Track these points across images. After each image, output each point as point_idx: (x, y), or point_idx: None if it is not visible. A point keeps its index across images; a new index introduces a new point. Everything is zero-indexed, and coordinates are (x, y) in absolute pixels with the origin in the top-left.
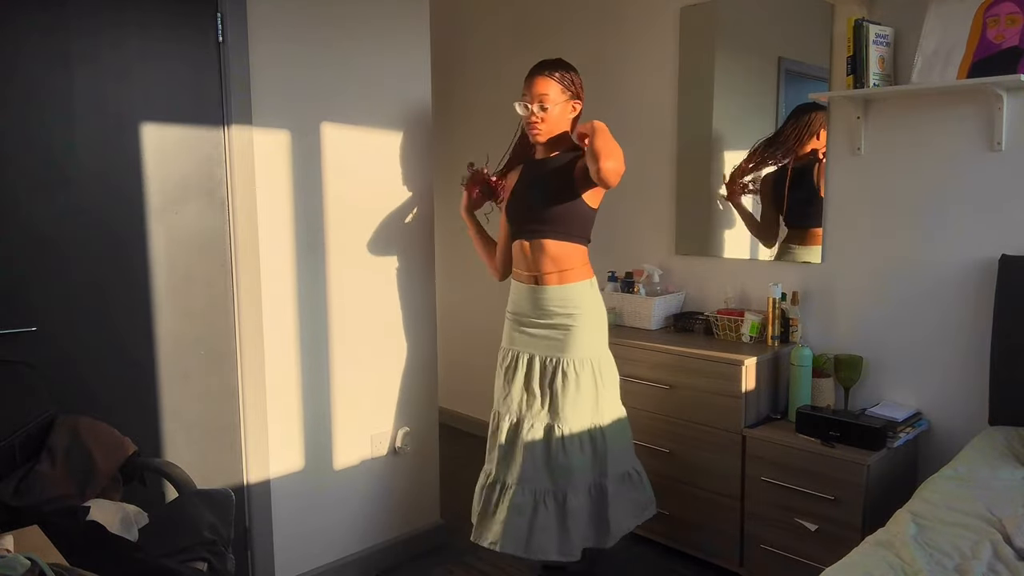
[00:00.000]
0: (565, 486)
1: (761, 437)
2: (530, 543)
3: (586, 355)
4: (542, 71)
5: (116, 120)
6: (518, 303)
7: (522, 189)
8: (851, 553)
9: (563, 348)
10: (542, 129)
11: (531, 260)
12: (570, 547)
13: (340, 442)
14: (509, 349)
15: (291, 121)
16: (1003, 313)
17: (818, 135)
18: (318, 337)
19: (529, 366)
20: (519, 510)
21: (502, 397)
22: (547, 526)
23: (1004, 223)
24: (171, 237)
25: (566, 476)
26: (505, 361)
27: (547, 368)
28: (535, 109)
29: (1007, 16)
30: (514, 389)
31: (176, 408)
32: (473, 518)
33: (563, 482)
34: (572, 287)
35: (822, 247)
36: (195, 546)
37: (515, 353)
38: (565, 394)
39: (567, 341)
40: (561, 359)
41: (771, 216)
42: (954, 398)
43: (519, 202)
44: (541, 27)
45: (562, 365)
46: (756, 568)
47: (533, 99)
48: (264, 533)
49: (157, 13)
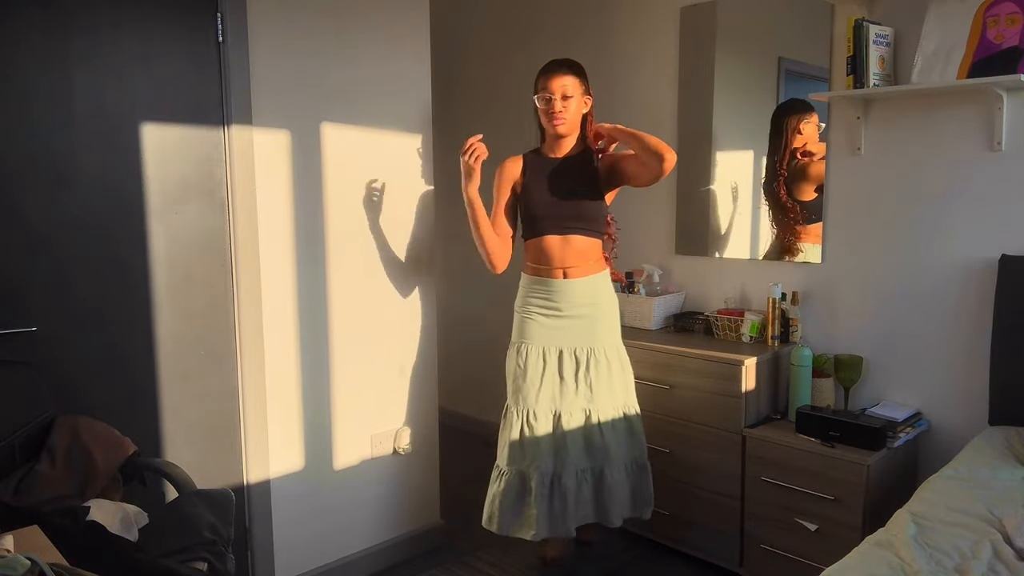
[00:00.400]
0: (603, 464)
1: (761, 437)
2: (574, 516)
3: (612, 342)
4: (560, 67)
5: (116, 120)
6: (544, 297)
7: (547, 185)
8: (851, 553)
9: (592, 337)
10: (566, 119)
11: (560, 255)
12: (608, 516)
13: (340, 442)
14: (527, 344)
15: (291, 121)
16: (1003, 313)
17: (800, 131)
18: (318, 337)
19: (559, 359)
20: (563, 494)
21: (527, 393)
22: (585, 499)
23: (1004, 223)
24: (171, 237)
25: (604, 456)
26: (524, 357)
27: (578, 358)
28: (559, 99)
29: (1007, 16)
30: (545, 383)
31: (176, 408)
32: (493, 516)
33: (602, 461)
34: (596, 278)
35: (822, 247)
36: (195, 546)
37: (539, 348)
38: (599, 380)
39: (595, 330)
40: (592, 348)
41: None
42: (954, 398)
43: (546, 197)
44: (541, 27)
45: (594, 353)
46: (756, 568)
47: (554, 91)
48: (264, 533)
49: (157, 13)
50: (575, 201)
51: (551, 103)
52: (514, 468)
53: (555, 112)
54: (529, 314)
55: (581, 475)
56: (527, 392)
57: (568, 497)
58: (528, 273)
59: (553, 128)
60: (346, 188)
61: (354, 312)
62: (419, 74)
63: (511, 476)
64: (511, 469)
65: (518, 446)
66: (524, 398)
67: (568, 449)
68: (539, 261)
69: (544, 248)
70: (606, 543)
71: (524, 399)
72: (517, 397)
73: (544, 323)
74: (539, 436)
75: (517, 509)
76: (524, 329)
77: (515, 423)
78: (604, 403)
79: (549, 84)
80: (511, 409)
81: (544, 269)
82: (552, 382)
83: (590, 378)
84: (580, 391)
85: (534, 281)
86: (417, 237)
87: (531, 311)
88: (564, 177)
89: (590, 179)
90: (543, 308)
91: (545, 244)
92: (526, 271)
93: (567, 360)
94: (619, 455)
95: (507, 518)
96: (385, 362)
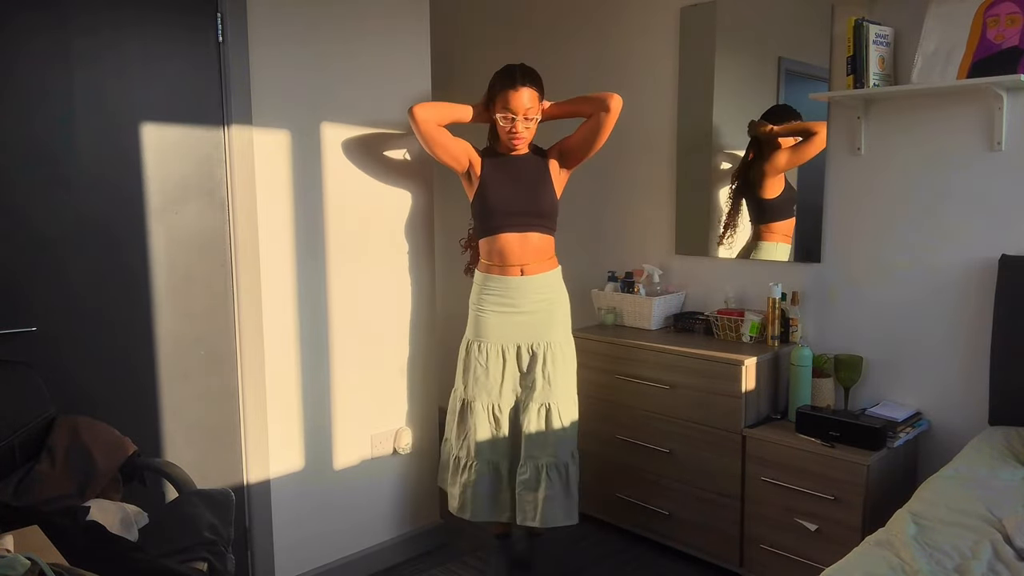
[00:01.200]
0: (565, 456)
1: (761, 437)
2: (542, 514)
3: (566, 335)
4: (523, 83)
5: (116, 120)
6: (500, 294)
7: (506, 183)
8: (851, 553)
9: (548, 331)
10: (525, 139)
11: (519, 252)
12: (573, 512)
13: (340, 442)
14: (485, 341)
15: (291, 121)
16: (1003, 313)
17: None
18: (318, 337)
19: (517, 354)
20: (527, 485)
21: (491, 388)
22: (554, 496)
23: (1004, 223)
24: (171, 237)
25: (563, 445)
26: (485, 354)
27: (535, 352)
28: (521, 119)
29: (1007, 16)
30: (507, 378)
31: (176, 408)
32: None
33: (563, 452)
34: (550, 275)
35: (821, 247)
36: (195, 546)
37: (497, 345)
38: (556, 372)
39: (551, 324)
40: (549, 342)
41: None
42: (954, 398)
43: (504, 195)
44: (541, 27)
45: (551, 347)
46: (756, 568)
47: (517, 111)
48: (264, 533)
49: (157, 13)
50: (533, 198)
51: (514, 123)
52: (483, 459)
53: (517, 132)
54: (484, 311)
55: (543, 469)
56: (491, 387)
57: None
58: (482, 271)
59: (512, 145)
60: (346, 188)
61: (354, 312)
62: (419, 73)
63: (481, 466)
64: (480, 460)
65: (487, 439)
66: (489, 393)
67: (529, 441)
68: (495, 259)
69: (501, 246)
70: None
71: (489, 394)
72: (481, 393)
73: (501, 320)
74: (505, 428)
75: (491, 496)
76: (480, 326)
77: (481, 417)
78: (562, 394)
79: (512, 103)
80: (476, 405)
81: (499, 267)
82: (513, 377)
83: (547, 371)
84: (538, 384)
85: (490, 279)
86: (417, 237)
87: (487, 308)
88: (521, 175)
89: (545, 176)
90: (500, 305)
91: (502, 242)
92: (480, 268)
93: (524, 355)
94: (572, 445)
95: (480, 505)
96: (385, 362)
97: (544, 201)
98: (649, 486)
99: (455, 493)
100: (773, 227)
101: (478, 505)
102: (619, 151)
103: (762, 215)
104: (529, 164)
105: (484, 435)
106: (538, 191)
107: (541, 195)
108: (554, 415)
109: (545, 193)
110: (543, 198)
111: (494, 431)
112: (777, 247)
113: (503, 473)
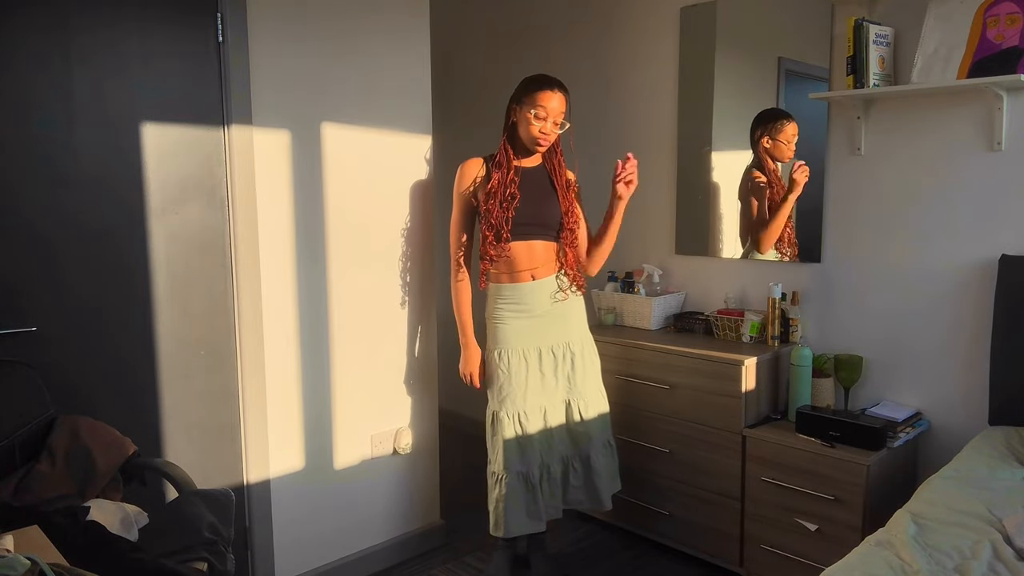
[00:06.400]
0: (587, 448)
1: (761, 437)
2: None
3: (584, 333)
4: (559, 87)
5: (116, 120)
6: (515, 301)
7: (532, 193)
8: (851, 553)
9: (566, 332)
10: (551, 141)
11: (527, 259)
12: (600, 497)
13: (340, 442)
14: (506, 349)
15: (291, 121)
16: (1003, 313)
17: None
18: (318, 337)
19: (539, 357)
20: (554, 481)
21: (515, 396)
22: (577, 485)
23: (1004, 223)
24: (171, 237)
25: (586, 439)
26: (507, 362)
27: (555, 354)
28: (551, 121)
29: (1007, 16)
30: (530, 383)
31: (176, 408)
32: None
33: (585, 445)
34: (557, 277)
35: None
36: (195, 546)
37: (519, 351)
38: (576, 370)
39: (567, 325)
40: (568, 342)
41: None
42: (954, 398)
43: (531, 205)
44: (541, 27)
45: (570, 347)
46: (756, 568)
47: (549, 114)
48: (264, 533)
49: (157, 13)
50: (551, 209)
51: (545, 123)
52: (513, 471)
53: (546, 133)
54: (503, 320)
55: (569, 462)
56: (515, 395)
57: (559, 484)
58: (494, 281)
59: (538, 146)
60: (346, 188)
61: (354, 312)
62: (419, 73)
63: (511, 479)
64: (510, 472)
65: (515, 449)
66: (513, 401)
67: (555, 440)
68: (506, 268)
69: (518, 253)
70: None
71: (513, 402)
72: (505, 402)
73: (519, 326)
74: (532, 435)
75: (524, 508)
76: (499, 334)
77: (508, 427)
78: (583, 392)
79: (547, 102)
80: (501, 414)
81: (517, 274)
82: (536, 380)
83: (568, 371)
84: (561, 385)
85: (502, 287)
86: (417, 237)
87: (504, 316)
88: (541, 187)
89: (552, 190)
90: (515, 312)
91: (521, 248)
92: (492, 279)
93: (546, 357)
94: (599, 438)
95: (514, 520)
96: (385, 362)
97: (548, 214)
98: (649, 486)
99: (491, 511)
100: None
101: (511, 520)
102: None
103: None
104: (545, 176)
105: (511, 445)
106: (543, 204)
107: (546, 208)
108: (584, 410)
109: (551, 206)
110: (548, 211)
111: (521, 439)
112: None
113: (534, 482)
